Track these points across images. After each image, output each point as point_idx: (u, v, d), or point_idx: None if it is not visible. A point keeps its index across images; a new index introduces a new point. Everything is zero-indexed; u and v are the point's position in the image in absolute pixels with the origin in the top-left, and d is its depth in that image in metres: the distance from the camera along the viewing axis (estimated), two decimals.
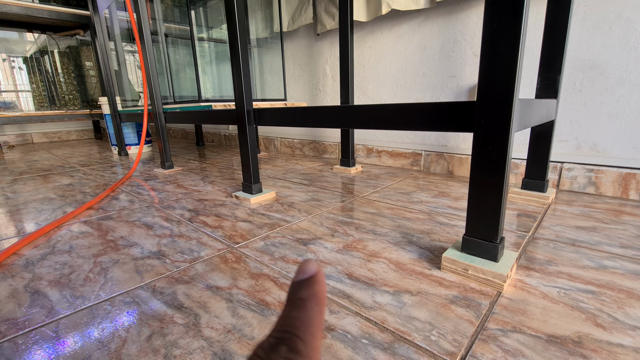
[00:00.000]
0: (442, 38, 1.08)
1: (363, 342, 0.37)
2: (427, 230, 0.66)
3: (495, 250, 0.47)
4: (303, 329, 0.11)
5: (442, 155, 1.15)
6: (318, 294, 0.12)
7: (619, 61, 0.80)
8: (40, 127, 2.70)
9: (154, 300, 0.45)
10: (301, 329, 0.11)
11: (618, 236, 0.61)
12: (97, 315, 0.43)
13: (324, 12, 1.36)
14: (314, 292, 0.12)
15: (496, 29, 0.41)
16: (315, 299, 0.12)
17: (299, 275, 0.13)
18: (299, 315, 0.11)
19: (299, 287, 0.12)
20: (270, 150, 1.86)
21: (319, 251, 0.59)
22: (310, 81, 1.57)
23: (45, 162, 1.65)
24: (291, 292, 0.12)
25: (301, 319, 0.11)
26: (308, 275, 0.13)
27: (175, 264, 0.56)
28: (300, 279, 0.13)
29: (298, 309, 0.12)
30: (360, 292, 0.46)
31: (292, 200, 0.89)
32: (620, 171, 0.82)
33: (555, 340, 0.36)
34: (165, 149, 1.33)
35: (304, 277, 0.13)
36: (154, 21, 1.48)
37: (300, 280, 0.13)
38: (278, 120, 0.79)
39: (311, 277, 0.13)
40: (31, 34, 2.41)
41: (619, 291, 0.44)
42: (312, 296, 0.12)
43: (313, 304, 0.12)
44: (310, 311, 0.12)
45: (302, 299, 0.12)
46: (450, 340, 0.36)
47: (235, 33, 0.80)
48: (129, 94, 1.91)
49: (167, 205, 0.88)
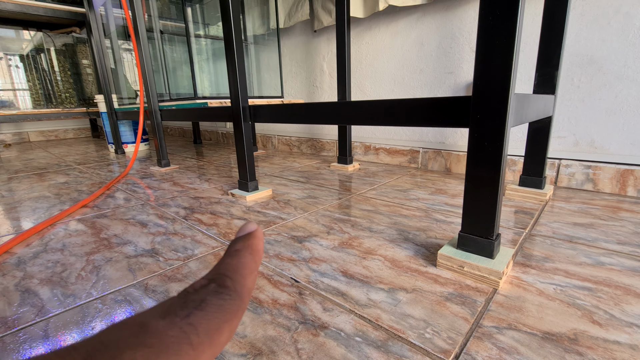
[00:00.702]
0: (439, 34, 1.08)
1: (356, 340, 0.36)
2: (423, 227, 0.66)
3: (491, 246, 0.46)
4: (233, 271, 0.12)
5: (439, 153, 1.14)
6: (253, 245, 0.13)
7: (617, 56, 0.79)
8: (36, 125, 2.68)
9: (146, 299, 0.45)
10: (231, 270, 0.12)
11: (615, 233, 0.60)
12: (88, 314, 0.42)
13: (320, 8, 1.35)
14: (248, 244, 0.13)
15: (492, 22, 0.40)
16: (250, 249, 0.13)
17: (238, 233, 0.14)
18: (231, 261, 0.12)
19: (236, 241, 0.13)
20: (268, 148, 1.85)
21: (315, 248, 0.58)
22: (307, 78, 1.56)
23: (41, 161, 1.64)
24: (229, 246, 0.13)
25: (233, 263, 0.12)
26: (246, 232, 0.14)
27: (169, 262, 0.55)
28: (238, 236, 0.14)
29: (231, 257, 0.12)
30: (355, 289, 0.45)
31: (288, 198, 0.88)
32: (618, 167, 0.82)
33: (550, 338, 0.35)
34: (161, 147, 1.32)
35: (241, 234, 0.14)
36: (149, 18, 1.47)
37: (238, 236, 0.14)
38: (274, 116, 0.79)
39: (248, 234, 0.14)
40: (27, 31, 2.39)
41: (616, 288, 0.44)
42: (246, 247, 0.13)
43: (247, 253, 0.13)
44: (243, 258, 0.12)
45: (237, 249, 0.13)
46: (444, 337, 0.36)
47: (230, 29, 0.79)
48: (126, 92, 1.90)
49: (162, 203, 0.87)
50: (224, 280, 0.11)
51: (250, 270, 0.12)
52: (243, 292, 0.11)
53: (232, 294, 0.11)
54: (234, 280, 0.11)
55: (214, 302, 0.10)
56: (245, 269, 0.12)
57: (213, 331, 0.10)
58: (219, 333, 0.10)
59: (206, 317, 0.10)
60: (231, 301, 0.11)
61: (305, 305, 0.42)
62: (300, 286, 0.47)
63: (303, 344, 0.36)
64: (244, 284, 0.12)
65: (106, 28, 1.77)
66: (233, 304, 0.11)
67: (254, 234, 0.14)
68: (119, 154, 1.81)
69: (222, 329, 0.10)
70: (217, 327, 0.10)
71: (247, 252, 0.13)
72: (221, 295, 0.11)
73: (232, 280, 0.11)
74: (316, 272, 0.50)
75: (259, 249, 0.13)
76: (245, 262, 0.12)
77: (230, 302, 0.11)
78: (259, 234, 0.14)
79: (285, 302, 0.43)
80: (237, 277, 0.12)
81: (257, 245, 0.13)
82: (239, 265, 0.12)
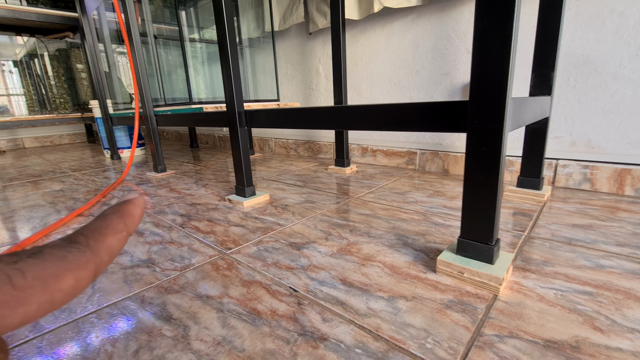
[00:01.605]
0: (434, 35, 1.07)
1: (356, 351, 0.36)
2: (422, 232, 0.65)
3: (491, 252, 0.46)
4: (92, 230, 0.12)
5: (437, 154, 1.14)
6: (125, 209, 0.14)
7: (612, 56, 0.79)
8: (31, 131, 2.66)
9: (143, 312, 0.44)
10: (90, 229, 0.13)
11: (614, 234, 0.60)
12: (83, 329, 0.41)
13: (315, 10, 1.34)
14: (119, 208, 0.14)
15: (487, 26, 0.40)
16: (119, 213, 0.14)
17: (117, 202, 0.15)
18: (94, 222, 0.13)
19: (109, 208, 0.14)
20: (265, 151, 1.84)
21: (313, 255, 0.57)
22: (303, 81, 1.55)
23: (36, 168, 1.62)
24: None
25: (94, 224, 0.13)
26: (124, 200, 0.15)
27: (166, 272, 0.54)
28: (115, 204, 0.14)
29: (97, 219, 0.13)
30: (354, 298, 0.45)
31: (286, 203, 0.88)
32: (616, 167, 0.82)
33: (552, 346, 0.35)
34: (157, 152, 1.31)
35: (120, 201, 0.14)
36: (143, 22, 1.46)
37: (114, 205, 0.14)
38: (270, 122, 0.78)
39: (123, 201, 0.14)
40: (20, 37, 2.37)
41: (617, 292, 0.44)
42: (116, 211, 0.14)
43: (115, 216, 0.13)
44: (109, 220, 0.13)
45: (105, 214, 0.14)
46: (445, 347, 0.36)
47: (224, 33, 0.78)
48: (121, 97, 1.88)
49: (158, 211, 0.86)
50: (76, 237, 0.12)
51: (115, 231, 0.13)
52: (99, 248, 0.12)
53: (82, 248, 0.12)
54: (88, 237, 0.12)
55: (55, 253, 0.11)
56: (107, 228, 0.13)
57: (48, 277, 0.10)
58: (57, 280, 0.10)
59: (41, 264, 0.10)
60: (78, 253, 0.11)
61: (305, 315, 0.42)
62: (299, 296, 0.46)
63: (302, 357, 0.35)
64: (101, 241, 0.12)
65: (100, 33, 1.76)
66: (80, 255, 0.11)
67: (130, 200, 0.14)
68: (114, 159, 1.79)
69: (63, 276, 0.11)
70: (55, 274, 0.10)
71: (115, 215, 0.13)
72: (67, 247, 0.11)
73: (86, 237, 0.12)
74: (315, 281, 0.50)
75: (132, 213, 0.14)
76: (109, 223, 0.13)
77: (76, 253, 0.11)
78: (136, 201, 0.14)
79: (284, 313, 0.42)
80: (95, 234, 0.12)
81: (131, 210, 0.14)
82: (102, 226, 0.13)
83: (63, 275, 0.11)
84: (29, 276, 0.10)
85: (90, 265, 0.12)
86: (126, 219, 0.14)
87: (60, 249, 0.11)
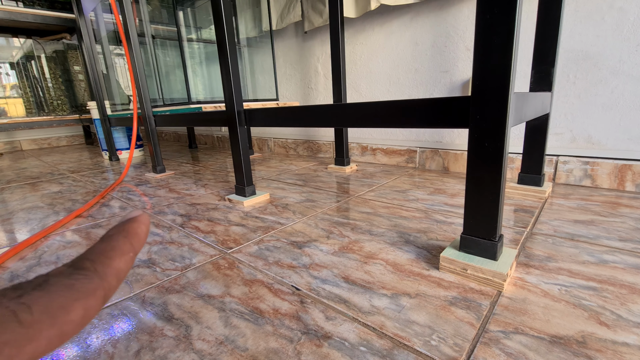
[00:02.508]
0: (433, 33, 1.07)
1: (361, 349, 0.35)
2: (424, 229, 0.65)
3: (494, 248, 0.46)
4: (98, 254, 0.12)
5: (437, 152, 1.14)
6: (129, 228, 0.13)
7: (612, 52, 0.79)
8: (28, 133, 2.65)
9: (144, 312, 0.44)
10: (95, 253, 0.12)
11: (616, 229, 0.60)
12: (83, 330, 0.41)
13: (310, 8, 1.34)
14: (124, 228, 0.13)
15: (489, 21, 0.40)
16: (124, 233, 0.13)
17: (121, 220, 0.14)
18: (99, 245, 0.12)
19: (114, 227, 0.13)
20: (264, 150, 1.84)
21: (315, 254, 0.57)
22: (302, 80, 1.55)
23: (34, 170, 1.61)
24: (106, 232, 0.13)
25: (100, 247, 0.12)
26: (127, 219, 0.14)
27: (166, 272, 0.54)
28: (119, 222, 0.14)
29: (101, 241, 0.13)
30: (357, 296, 0.45)
31: (286, 202, 0.87)
32: (616, 163, 0.82)
33: (558, 341, 0.35)
34: (156, 153, 1.30)
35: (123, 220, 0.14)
36: (140, 22, 1.45)
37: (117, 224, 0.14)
38: (269, 120, 0.78)
39: (128, 219, 0.14)
40: (17, 39, 2.36)
41: (621, 286, 0.43)
42: (120, 231, 0.13)
43: (120, 237, 0.13)
44: (114, 242, 0.13)
45: (110, 234, 0.13)
46: (451, 344, 0.35)
47: (223, 33, 0.78)
48: (119, 98, 1.88)
49: (158, 211, 0.85)
50: (82, 263, 0.11)
51: (122, 252, 0.12)
52: (106, 272, 0.12)
53: (89, 274, 0.11)
54: (94, 262, 0.12)
55: (62, 282, 0.10)
56: (114, 251, 0.12)
57: (56, 309, 0.10)
58: (65, 311, 0.10)
59: (47, 296, 0.10)
60: (85, 280, 0.11)
61: (308, 314, 0.41)
62: (302, 294, 0.46)
63: (306, 355, 0.35)
64: (108, 265, 0.12)
65: (97, 33, 1.75)
66: (88, 283, 0.11)
67: (134, 218, 0.14)
68: (113, 160, 1.79)
69: (71, 307, 0.10)
70: (63, 306, 0.10)
71: (120, 236, 0.13)
72: (73, 275, 0.11)
73: (93, 261, 0.12)
74: (317, 279, 0.49)
75: (137, 232, 0.13)
76: (115, 245, 0.12)
77: (83, 281, 0.11)
78: (141, 218, 0.14)
79: (287, 312, 0.42)
80: (102, 258, 0.12)
81: (136, 228, 0.13)
82: (107, 248, 0.12)
83: (71, 305, 0.10)
84: (35, 310, 0.09)
85: (99, 292, 0.11)
86: (132, 238, 0.13)
87: (67, 277, 0.11)
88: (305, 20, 1.38)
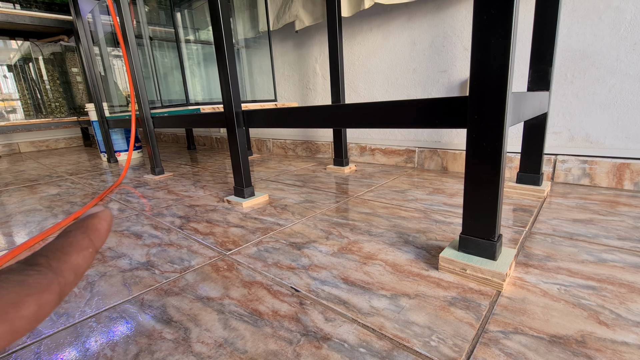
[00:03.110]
0: (431, 33, 1.07)
1: (361, 351, 0.35)
2: (423, 229, 0.65)
3: (493, 248, 0.46)
4: (53, 250, 0.12)
5: (435, 152, 1.14)
6: (89, 224, 0.13)
7: (609, 51, 0.80)
8: (26, 136, 2.64)
9: (142, 315, 0.44)
10: (51, 250, 0.12)
11: (615, 228, 0.60)
12: (82, 333, 0.41)
13: (301, 8, 1.33)
14: (83, 224, 0.13)
15: (486, 21, 0.40)
16: (83, 228, 0.13)
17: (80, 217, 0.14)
18: (56, 241, 0.12)
19: (72, 224, 0.13)
20: (263, 151, 1.84)
21: (314, 255, 0.57)
22: (300, 80, 1.55)
23: (32, 172, 1.61)
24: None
25: (56, 243, 0.12)
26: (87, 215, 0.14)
27: (165, 274, 0.54)
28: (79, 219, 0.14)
29: (58, 237, 0.13)
30: (356, 297, 0.45)
31: (285, 203, 0.87)
32: (614, 161, 0.82)
33: (558, 341, 0.35)
34: (154, 155, 1.30)
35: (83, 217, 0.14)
36: (138, 24, 1.45)
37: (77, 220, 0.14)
38: (268, 121, 0.78)
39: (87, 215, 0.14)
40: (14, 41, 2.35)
41: (620, 285, 0.43)
42: (79, 227, 0.13)
43: (78, 232, 0.13)
44: (72, 237, 0.13)
45: (67, 230, 0.13)
46: (450, 345, 0.35)
47: (220, 34, 0.78)
48: (117, 99, 1.87)
49: (157, 213, 0.85)
50: (36, 259, 0.11)
51: (80, 248, 0.12)
52: (62, 268, 0.12)
53: (43, 269, 0.11)
54: (49, 257, 0.12)
55: (12, 278, 0.10)
56: (71, 246, 0.12)
57: (7, 305, 0.10)
58: (16, 307, 0.10)
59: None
60: (38, 276, 0.11)
61: (307, 315, 0.41)
62: (301, 295, 0.46)
63: (306, 357, 0.35)
64: (65, 260, 0.12)
65: (94, 35, 1.75)
66: (41, 278, 0.11)
67: (94, 214, 0.14)
68: (111, 162, 1.78)
69: (23, 302, 0.10)
70: (14, 302, 0.10)
71: (79, 232, 0.13)
72: (25, 271, 0.11)
73: (47, 257, 0.12)
74: (316, 280, 0.49)
75: (97, 227, 0.13)
76: (73, 241, 0.12)
77: (36, 276, 0.11)
78: (102, 214, 0.14)
79: (286, 313, 0.42)
80: (57, 254, 0.12)
81: (96, 224, 0.13)
82: (64, 244, 0.12)
83: (23, 301, 0.10)
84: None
85: (54, 287, 0.11)
86: (91, 234, 0.13)
87: (18, 273, 0.11)
88: (296, 20, 1.37)
